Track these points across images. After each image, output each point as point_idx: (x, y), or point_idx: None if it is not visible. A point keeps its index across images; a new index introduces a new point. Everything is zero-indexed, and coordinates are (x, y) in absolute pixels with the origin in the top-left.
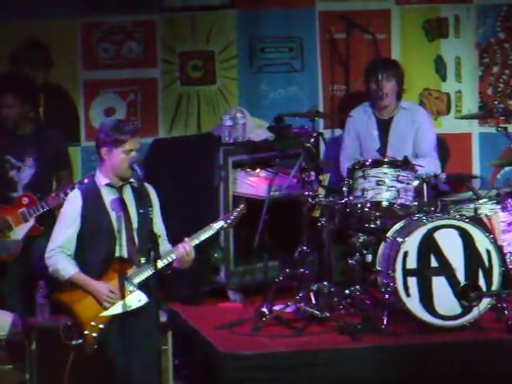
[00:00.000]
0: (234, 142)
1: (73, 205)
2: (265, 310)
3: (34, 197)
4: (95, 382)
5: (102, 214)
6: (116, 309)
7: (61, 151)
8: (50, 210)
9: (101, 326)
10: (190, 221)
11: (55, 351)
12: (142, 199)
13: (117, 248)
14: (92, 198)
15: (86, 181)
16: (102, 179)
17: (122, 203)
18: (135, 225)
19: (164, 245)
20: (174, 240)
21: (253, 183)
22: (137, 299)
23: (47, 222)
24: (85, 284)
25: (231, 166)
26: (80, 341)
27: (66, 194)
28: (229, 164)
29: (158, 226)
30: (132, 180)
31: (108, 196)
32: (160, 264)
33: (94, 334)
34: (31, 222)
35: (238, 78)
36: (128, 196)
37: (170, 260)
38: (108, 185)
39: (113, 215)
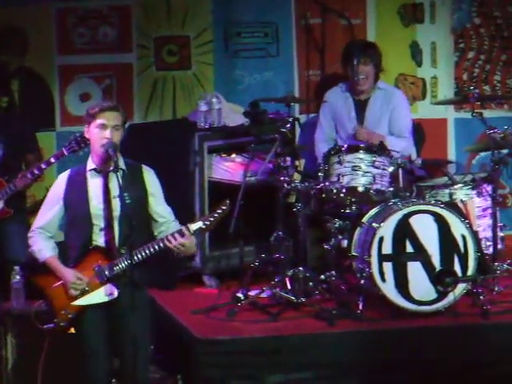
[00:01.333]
0: (210, 127)
1: (56, 187)
2: (240, 295)
3: (2, 180)
4: (71, 369)
5: (81, 198)
6: (86, 300)
7: (27, 135)
8: (19, 191)
9: (70, 315)
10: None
11: (30, 336)
12: (131, 185)
13: (93, 236)
14: (76, 182)
15: (52, 160)
16: (89, 164)
17: (104, 189)
18: (117, 212)
19: (171, 229)
20: None
21: (228, 168)
22: (107, 292)
23: (16, 204)
24: (55, 269)
25: (206, 151)
26: (51, 325)
27: (33, 175)
28: (204, 149)
29: (158, 210)
30: (122, 166)
31: (93, 180)
32: (137, 256)
33: (63, 324)
34: (0, 205)
35: (213, 63)
36: (114, 182)
37: (152, 251)
38: (94, 170)
39: (93, 201)
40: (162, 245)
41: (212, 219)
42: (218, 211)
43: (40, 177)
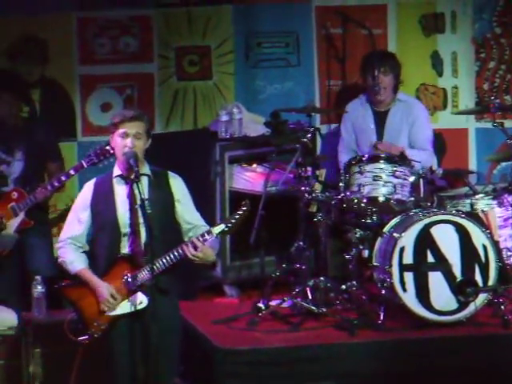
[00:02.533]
0: (231, 137)
1: (83, 195)
2: (261, 305)
3: (23, 191)
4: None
5: (109, 206)
6: (117, 310)
7: (49, 143)
8: (39, 203)
9: (103, 326)
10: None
11: (52, 346)
12: (157, 192)
13: (121, 244)
14: (103, 190)
15: (71, 172)
16: (115, 170)
17: (130, 196)
18: (142, 220)
19: (199, 233)
20: None
21: (249, 178)
22: (138, 301)
23: (38, 216)
24: (89, 281)
25: (227, 161)
26: (86, 337)
27: (53, 187)
28: (225, 159)
29: (186, 216)
30: (147, 172)
31: (119, 188)
32: (157, 264)
33: (96, 335)
34: (21, 217)
35: (234, 72)
36: (141, 189)
37: (173, 259)
38: (120, 176)
39: (120, 209)
40: (177, 253)
41: (234, 221)
42: (239, 212)
43: (60, 188)
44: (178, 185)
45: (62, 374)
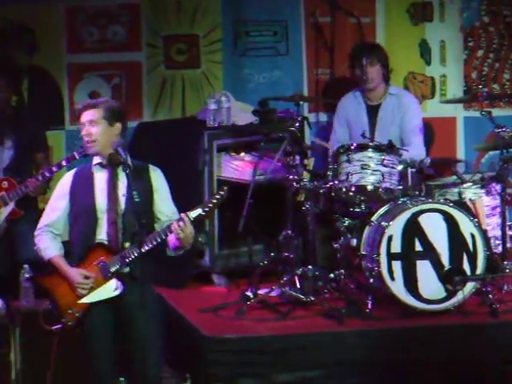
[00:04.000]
0: (219, 125)
1: (62, 183)
2: (249, 293)
3: (14, 180)
4: (80, 366)
5: (87, 192)
6: (91, 297)
7: (37, 133)
8: (29, 193)
9: (77, 314)
10: (174, 205)
11: (39, 334)
12: (136, 182)
13: (98, 230)
14: (82, 177)
15: (63, 163)
16: (94, 158)
17: (109, 184)
18: (122, 207)
19: None
20: None
21: (237, 167)
22: (112, 288)
23: (26, 205)
24: (60, 269)
25: (216, 149)
26: (59, 326)
27: (44, 177)
28: (213, 148)
29: (164, 210)
30: (128, 161)
31: (98, 175)
32: (144, 249)
33: (71, 323)
34: (11, 206)
35: (222, 61)
36: (121, 177)
37: (155, 243)
38: (99, 164)
39: (99, 195)
40: (162, 234)
41: (211, 205)
42: (217, 197)
43: (51, 179)
44: (157, 177)
45: (46, 361)
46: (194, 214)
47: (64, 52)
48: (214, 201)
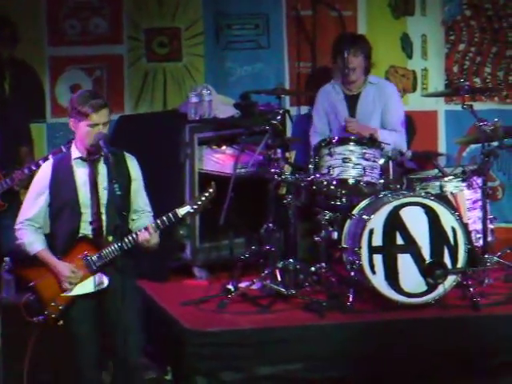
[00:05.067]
0: (200, 118)
1: (42, 176)
2: (230, 287)
3: None
4: (60, 359)
5: (69, 187)
6: (76, 290)
7: (21, 127)
8: (14, 187)
9: (60, 307)
10: (155, 198)
11: (20, 327)
12: (115, 173)
13: (82, 225)
14: (62, 170)
15: (50, 157)
16: (74, 152)
17: (91, 177)
18: (104, 201)
19: (143, 219)
20: None
21: (219, 160)
22: (98, 281)
23: (10, 198)
24: (48, 262)
25: (197, 142)
26: (41, 318)
27: (30, 170)
28: (195, 141)
29: (138, 200)
30: (108, 155)
31: (79, 169)
32: (124, 243)
33: (53, 315)
34: None
35: (204, 54)
36: (101, 170)
37: (131, 240)
38: (80, 158)
39: (81, 189)
40: (131, 239)
41: (200, 203)
42: (205, 194)
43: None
44: (134, 165)
45: (23, 353)
46: (182, 211)
47: (45, 45)
48: (203, 198)
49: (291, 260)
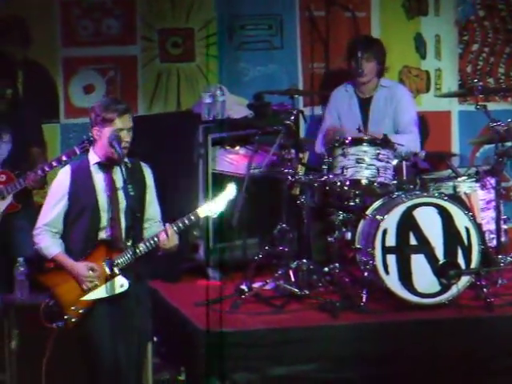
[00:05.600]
0: (214, 119)
1: (61, 181)
2: (244, 287)
3: (12, 174)
4: (75, 364)
5: (88, 192)
6: (96, 293)
7: (33, 127)
8: (28, 186)
9: (81, 311)
10: (169, 199)
11: (34, 328)
12: (133, 179)
13: (101, 229)
14: (81, 176)
15: (63, 158)
16: (93, 157)
17: (110, 183)
18: (123, 205)
19: (154, 228)
20: None
21: (232, 161)
22: (118, 284)
23: (24, 199)
24: (65, 265)
25: (210, 143)
26: (60, 323)
27: (43, 171)
28: (208, 141)
29: (150, 209)
30: (125, 159)
31: (98, 175)
32: (141, 248)
33: (74, 319)
34: (9, 199)
35: (217, 55)
36: (118, 176)
37: (153, 244)
38: (98, 164)
39: (100, 194)
40: (158, 239)
41: (220, 202)
42: (225, 193)
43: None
44: (149, 174)
45: (41, 356)
46: (202, 211)
47: (59, 45)
48: (223, 198)
49: (305, 260)
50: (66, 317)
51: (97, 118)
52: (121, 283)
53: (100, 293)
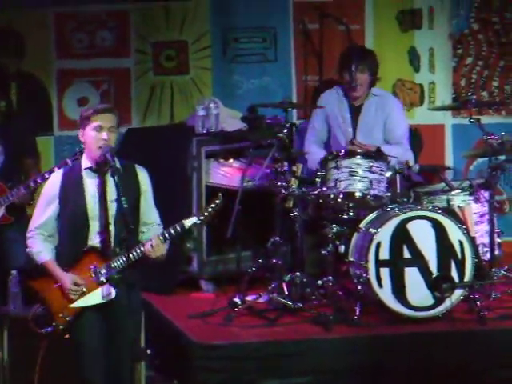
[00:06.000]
0: (207, 132)
1: (52, 185)
2: (237, 300)
3: (4, 186)
4: (69, 370)
5: (78, 197)
6: (83, 301)
7: (26, 139)
8: (19, 199)
9: (68, 318)
10: (162, 211)
11: (28, 340)
12: (123, 186)
13: (90, 236)
14: (72, 181)
15: (56, 169)
16: (84, 162)
17: (100, 189)
18: (112, 212)
19: (153, 231)
20: None
21: (226, 173)
22: (105, 293)
23: (16, 211)
24: (52, 273)
25: (204, 156)
26: (49, 329)
27: (36, 183)
28: (202, 154)
29: (147, 213)
30: (116, 165)
31: (89, 180)
32: (132, 256)
33: (61, 327)
34: (1, 212)
35: (211, 68)
36: (110, 182)
37: (139, 252)
38: (90, 169)
39: (90, 200)
40: (144, 248)
41: (206, 214)
42: (212, 205)
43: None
44: (144, 178)
45: (34, 368)
46: (189, 222)
47: (53, 58)
48: (210, 209)
49: (298, 273)
50: (54, 324)
51: (79, 119)
52: (108, 291)
53: (87, 300)
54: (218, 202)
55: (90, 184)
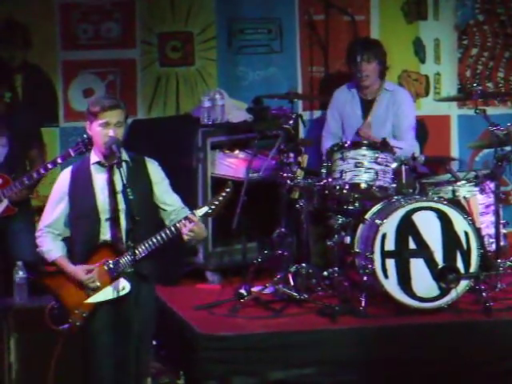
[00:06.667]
0: (213, 123)
1: (60, 183)
2: (243, 291)
3: (8, 177)
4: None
5: (87, 193)
6: (98, 296)
7: (31, 130)
8: (24, 190)
9: (84, 314)
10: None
11: (33, 332)
12: (132, 178)
13: (102, 230)
14: (81, 177)
15: (58, 160)
16: (92, 157)
17: (109, 183)
18: (122, 206)
19: (181, 215)
20: None
21: (231, 164)
22: (120, 287)
23: (21, 202)
24: (65, 269)
25: (210, 147)
26: (66, 326)
27: (39, 174)
28: (207, 145)
29: (165, 199)
30: (123, 157)
31: (98, 175)
32: (142, 248)
33: (78, 323)
34: (5, 203)
35: (216, 59)
36: (118, 176)
37: (151, 244)
38: (98, 163)
39: (99, 195)
40: (169, 232)
41: (217, 203)
42: (223, 194)
43: (40, 180)
44: (155, 169)
45: (41, 360)
46: (200, 212)
47: (58, 49)
48: (221, 198)
49: (304, 264)
50: (70, 320)
51: (87, 113)
52: (122, 286)
53: (102, 296)
54: (228, 190)
55: (99, 178)
